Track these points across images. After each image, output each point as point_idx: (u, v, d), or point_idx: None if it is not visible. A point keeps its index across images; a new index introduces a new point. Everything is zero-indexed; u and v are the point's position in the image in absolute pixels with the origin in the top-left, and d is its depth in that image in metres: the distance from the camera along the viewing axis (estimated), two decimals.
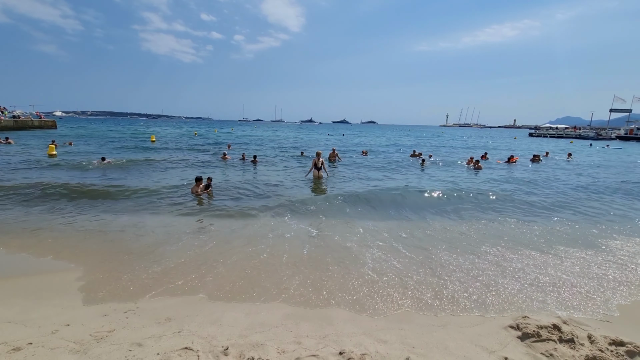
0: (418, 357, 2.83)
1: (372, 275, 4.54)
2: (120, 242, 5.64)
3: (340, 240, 5.89)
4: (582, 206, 8.87)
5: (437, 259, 5.16)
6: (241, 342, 2.98)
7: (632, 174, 15.89)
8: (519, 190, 10.94)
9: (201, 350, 2.82)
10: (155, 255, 5.09)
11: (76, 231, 6.15)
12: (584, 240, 6.13)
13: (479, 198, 9.39)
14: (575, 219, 7.66)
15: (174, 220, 6.91)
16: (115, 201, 8.31)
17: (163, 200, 8.53)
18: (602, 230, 6.82)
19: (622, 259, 5.25)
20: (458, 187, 11.04)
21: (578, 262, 5.11)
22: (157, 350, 2.80)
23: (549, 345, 3.04)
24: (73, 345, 2.91)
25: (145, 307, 3.67)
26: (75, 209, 7.63)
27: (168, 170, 13.47)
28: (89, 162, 14.32)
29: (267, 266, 4.79)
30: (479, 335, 3.25)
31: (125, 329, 3.20)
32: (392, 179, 12.78)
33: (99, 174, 12.10)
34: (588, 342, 3.06)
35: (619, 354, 2.89)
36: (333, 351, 2.87)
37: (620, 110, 71.60)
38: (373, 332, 3.27)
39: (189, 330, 3.17)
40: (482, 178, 13.46)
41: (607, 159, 23.97)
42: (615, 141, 53.27)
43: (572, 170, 16.93)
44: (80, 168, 13.30)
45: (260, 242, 5.72)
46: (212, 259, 4.98)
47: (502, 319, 3.57)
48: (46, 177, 11.13)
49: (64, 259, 4.95)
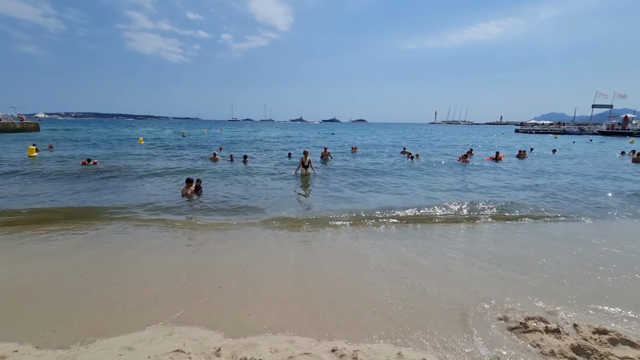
0: (410, 352, 2.87)
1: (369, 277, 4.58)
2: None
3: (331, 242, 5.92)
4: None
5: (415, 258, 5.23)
6: (233, 343, 2.97)
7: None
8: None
9: (193, 352, 2.79)
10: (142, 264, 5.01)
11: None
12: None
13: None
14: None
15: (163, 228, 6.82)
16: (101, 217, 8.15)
17: (152, 204, 8.40)
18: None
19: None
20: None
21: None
22: (147, 354, 2.77)
23: (536, 335, 3.12)
24: (61, 351, 2.85)
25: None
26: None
27: (156, 173, 13.24)
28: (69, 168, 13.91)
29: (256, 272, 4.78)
30: (470, 328, 3.31)
31: (114, 332, 3.15)
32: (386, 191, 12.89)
33: (83, 180, 11.81)
34: (573, 331, 3.16)
35: (602, 342, 2.98)
36: (326, 349, 2.88)
37: (602, 105, 73.71)
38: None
39: (180, 332, 3.14)
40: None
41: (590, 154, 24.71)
42: (598, 136, 54.85)
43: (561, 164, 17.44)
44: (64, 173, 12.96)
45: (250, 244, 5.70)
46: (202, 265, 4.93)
47: (491, 310, 3.64)
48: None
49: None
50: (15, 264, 4.81)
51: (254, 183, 11.18)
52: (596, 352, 2.86)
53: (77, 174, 12.21)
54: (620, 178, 13.22)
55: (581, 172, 14.80)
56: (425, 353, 2.89)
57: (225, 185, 10.83)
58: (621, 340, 3.01)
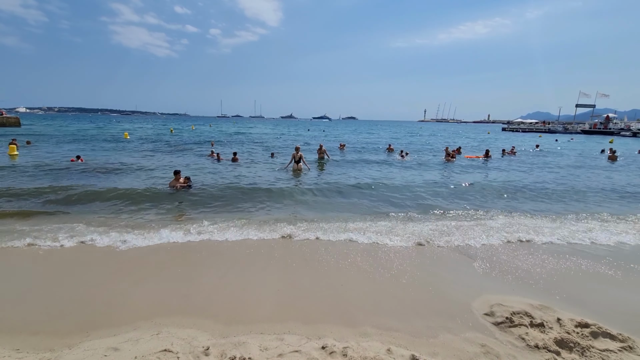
0: (399, 349, 2.90)
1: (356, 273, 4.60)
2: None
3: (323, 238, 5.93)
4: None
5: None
6: (222, 342, 2.94)
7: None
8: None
9: (181, 351, 2.75)
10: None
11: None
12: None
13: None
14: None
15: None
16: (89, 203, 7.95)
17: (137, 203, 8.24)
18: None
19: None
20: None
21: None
22: (134, 354, 2.72)
23: (521, 330, 3.20)
24: (43, 353, 2.78)
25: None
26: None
27: (143, 170, 12.99)
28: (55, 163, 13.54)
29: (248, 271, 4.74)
30: (457, 324, 3.36)
31: (99, 333, 3.08)
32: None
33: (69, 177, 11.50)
34: (557, 326, 3.24)
35: (584, 335, 3.07)
36: (315, 346, 2.88)
37: (585, 105, 75.66)
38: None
39: (168, 332, 3.10)
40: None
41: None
42: (580, 135, 56.33)
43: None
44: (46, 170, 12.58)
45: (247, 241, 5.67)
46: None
47: (477, 306, 3.71)
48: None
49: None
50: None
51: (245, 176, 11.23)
52: (578, 345, 2.95)
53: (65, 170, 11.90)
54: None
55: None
56: (414, 349, 2.93)
57: (214, 179, 10.84)
58: (602, 333, 3.10)
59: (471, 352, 2.91)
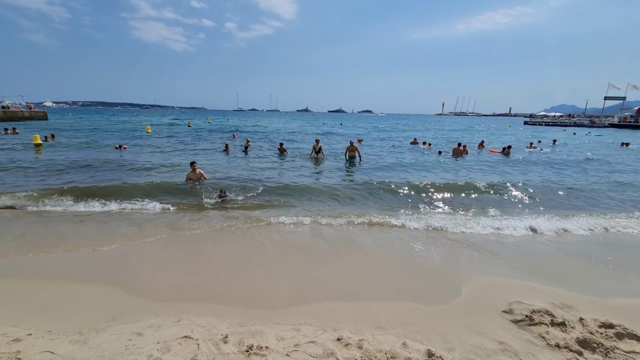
0: (415, 343, 2.89)
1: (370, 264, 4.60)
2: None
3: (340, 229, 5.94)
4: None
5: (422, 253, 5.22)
6: (240, 330, 3.02)
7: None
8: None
9: (201, 338, 2.85)
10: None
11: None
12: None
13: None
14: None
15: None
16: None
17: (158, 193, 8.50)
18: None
19: None
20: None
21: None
22: (157, 339, 2.83)
23: (542, 328, 3.12)
24: (73, 335, 2.93)
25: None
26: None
27: (163, 163, 13.33)
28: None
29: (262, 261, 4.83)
30: (474, 320, 3.32)
31: (124, 318, 3.22)
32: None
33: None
34: (579, 325, 3.15)
35: (608, 336, 2.97)
36: (331, 337, 2.92)
37: (615, 97, 71.92)
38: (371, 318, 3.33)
39: (188, 319, 3.20)
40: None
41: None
42: (608, 129, 53.43)
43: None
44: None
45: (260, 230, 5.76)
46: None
47: (496, 304, 3.64)
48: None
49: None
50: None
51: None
52: (602, 346, 2.86)
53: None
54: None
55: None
56: (429, 343, 2.91)
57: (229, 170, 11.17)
58: (627, 334, 3.00)
59: (488, 349, 2.87)
